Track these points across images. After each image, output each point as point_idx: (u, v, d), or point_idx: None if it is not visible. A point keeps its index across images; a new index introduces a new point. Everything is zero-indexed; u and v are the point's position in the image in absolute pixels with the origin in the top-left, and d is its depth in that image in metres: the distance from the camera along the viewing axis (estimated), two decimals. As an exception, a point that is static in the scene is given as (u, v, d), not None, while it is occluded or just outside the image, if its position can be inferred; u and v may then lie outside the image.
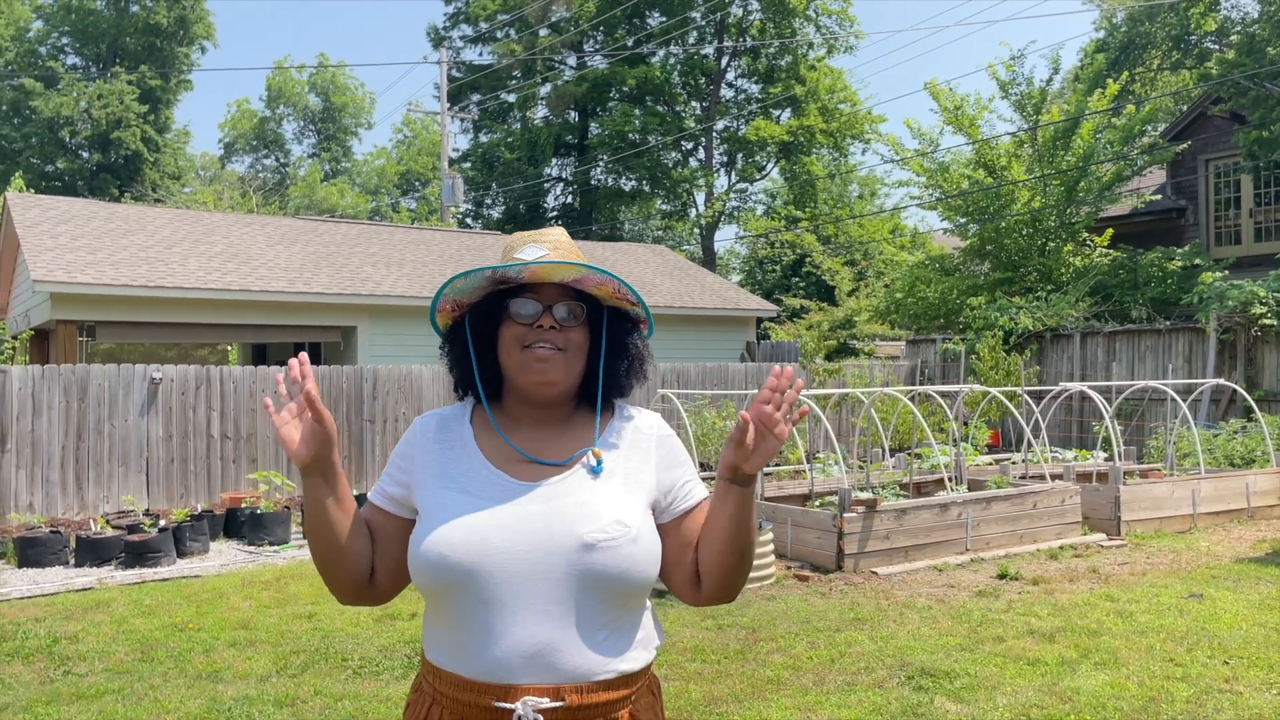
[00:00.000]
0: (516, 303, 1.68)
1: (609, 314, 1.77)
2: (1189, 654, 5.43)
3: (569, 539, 1.59)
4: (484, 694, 1.58)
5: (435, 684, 1.65)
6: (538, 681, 1.56)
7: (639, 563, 1.61)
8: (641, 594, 1.66)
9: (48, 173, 40.10)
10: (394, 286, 15.50)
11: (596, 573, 1.58)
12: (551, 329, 1.66)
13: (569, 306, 1.69)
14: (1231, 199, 18.52)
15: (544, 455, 1.69)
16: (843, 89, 31.90)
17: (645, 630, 1.70)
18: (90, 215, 15.79)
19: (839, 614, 6.41)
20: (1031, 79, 18.04)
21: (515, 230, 31.29)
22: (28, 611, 6.85)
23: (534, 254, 1.69)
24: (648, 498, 1.70)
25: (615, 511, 1.63)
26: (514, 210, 34.34)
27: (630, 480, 1.69)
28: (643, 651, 1.67)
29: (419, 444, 1.75)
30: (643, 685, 1.69)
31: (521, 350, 1.66)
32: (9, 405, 10.17)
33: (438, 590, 1.62)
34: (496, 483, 1.66)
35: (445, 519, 1.62)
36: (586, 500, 1.63)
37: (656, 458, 1.74)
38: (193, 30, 43.08)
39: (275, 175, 53.80)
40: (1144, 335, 14.75)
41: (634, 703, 1.66)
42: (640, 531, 1.63)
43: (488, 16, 34.03)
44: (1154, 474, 10.46)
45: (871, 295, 21.42)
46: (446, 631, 1.64)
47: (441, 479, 1.69)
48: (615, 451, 1.72)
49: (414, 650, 5.69)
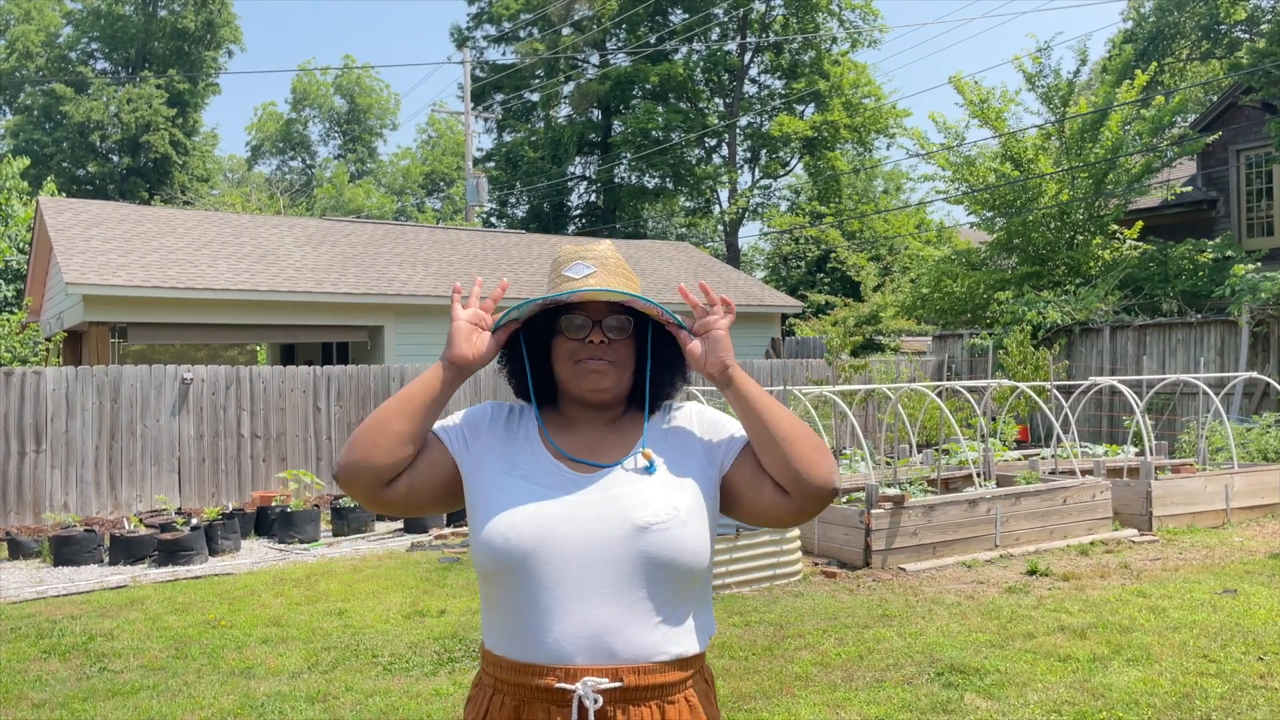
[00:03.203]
0: (567, 319, 1.78)
1: (653, 326, 1.86)
2: (1222, 650, 5.37)
3: (623, 523, 1.67)
4: (544, 675, 1.64)
5: (495, 672, 1.71)
6: (596, 663, 1.63)
7: (689, 544, 1.68)
8: (694, 578, 1.71)
9: (78, 177, 40.64)
10: (420, 286, 15.59)
11: (649, 555, 1.65)
12: (601, 343, 1.76)
13: (617, 320, 1.79)
14: (1263, 190, 18.26)
15: (597, 455, 1.78)
16: (867, 83, 31.71)
17: (700, 619, 1.75)
18: (121, 218, 15.98)
19: (867, 610, 6.39)
20: (1059, 71, 17.86)
21: (538, 230, 31.56)
22: (64, 609, 6.96)
23: (582, 271, 1.80)
24: (700, 481, 1.77)
25: (666, 498, 1.70)
26: (538, 209, 34.43)
27: (677, 469, 1.77)
28: (697, 637, 1.73)
29: (489, 423, 1.84)
30: (697, 671, 1.74)
31: (575, 364, 1.77)
32: (43, 406, 10.32)
33: (498, 571, 1.68)
34: (556, 473, 1.75)
35: (508, 504, 1.70)
36: (638, 490, 1.71)
37: (700, 435, 1.82)
38: (219, 34, 43.50)
39: (301, 177, 54.24)
40: (1175, 328, 14.57)
41: (690, 687, 1.71)
42: (689, 515, 1.70)
43: (510, 16, 34.11)
44: (1186, 469, 10.33)
45: (897, 290, 21.29)
46: (505, 617, 1.70)
47: (504, 464, 1.77)
48: (664, 445, 1.80)
49: (443, 647, 5.73)
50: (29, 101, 41.73)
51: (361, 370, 12.26)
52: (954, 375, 16.88)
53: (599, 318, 1.77)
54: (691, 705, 1.70)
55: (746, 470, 1.77)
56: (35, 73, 41.43)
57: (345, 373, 12.15)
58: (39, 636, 6.18)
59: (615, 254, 1.86)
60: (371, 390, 12.26)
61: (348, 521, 10.09)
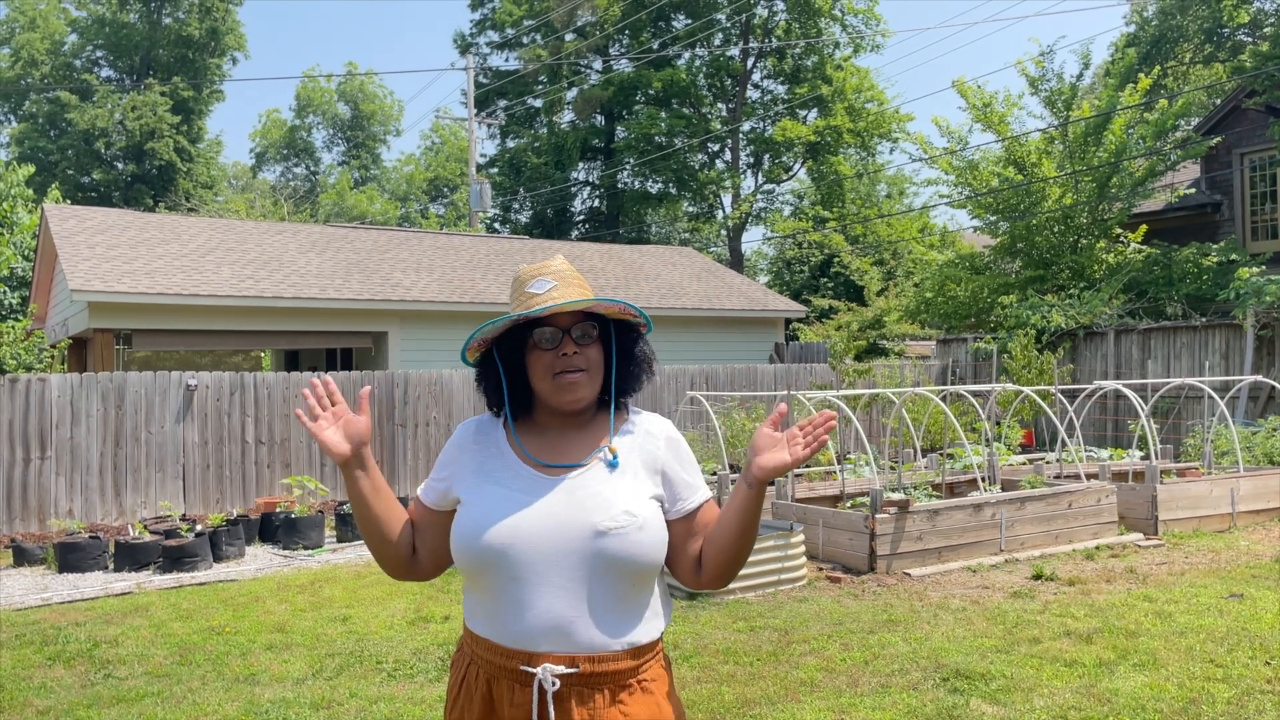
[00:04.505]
0: (538, 333, 1.93)
1: (616, 326, 2.02)
2: (1229, 655, 5.35)
3: (584, 527, 1.83)
4: (512, 659, 1.84)
5: (474, 647, 1.92)
6: (557, 650, 1.81)
7: (645, 548, 1.84)
8: (649, 576, 1.89)
9: (83, 184, 40.74)
10: (424, 292, 15.61)
11: (607, 556, 1.82)
12: (574, 353, 1.91)
13: (583, 328, 1.94)
14: (1268, 193, 18.22)
15: (567, 456, 1.94)
16: (869, 88, 31.72)
17: (654, 608, 1.92)
18: (125, 225, 16.02)
19: (872, 615, 6.37)
20: (1062, 74, 17.83)
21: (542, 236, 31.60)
22: (68, 616, 6.96)
23: (544, 287, 1.94)
24: (656, 491, 1.93)
25: (625, 503, 1.86)
26: (541, 214, 34.46)
27: (640, 475, 1.93)
28: (650, 627, 1.90)
29: (460, 447, 2.01)
30: (651, 658, 1.90)
31: (553, 378, 1.92)
32: (48, 413, 10.34)
33: (476, 568, 1.87)
34: (526, 477, 1.91)
35: (483, 508, 1.88)
36: (600, 492, 1.87)
37: (665, 458, 1.97)
38: (224, 42, 43.61)
39: (305, 183, 54.34)
40: (1180, 332, 14.54)
41: (643, 673, 1.87)
42: (647, 520, 1.86)
43: (514, 23, 34.17)
44: (1191, 472, 10.31)
45: (901, 295, 21.26)
46: (483, 603, 1.89)
47: (479, 474, 1.95)
48: (628, 449, 1.96)
49: (447, 653, 5.72)
50: (34, 109, 41.87)
51: (365, 376, 12.26)
52: (958, 379, 16.86)
53: (567, 326, 1.93)
54: (646, 690, 1.86)
55: (685, 528, 1.95)
56: (40, 80, 41.57)
57: (349, 379, 12.16)
58: (43, 643, 6.18)
59: (569, 266, 2.02)
60: (375, 396, 12.26)
61: (352, 527, 10.08)
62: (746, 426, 12.68)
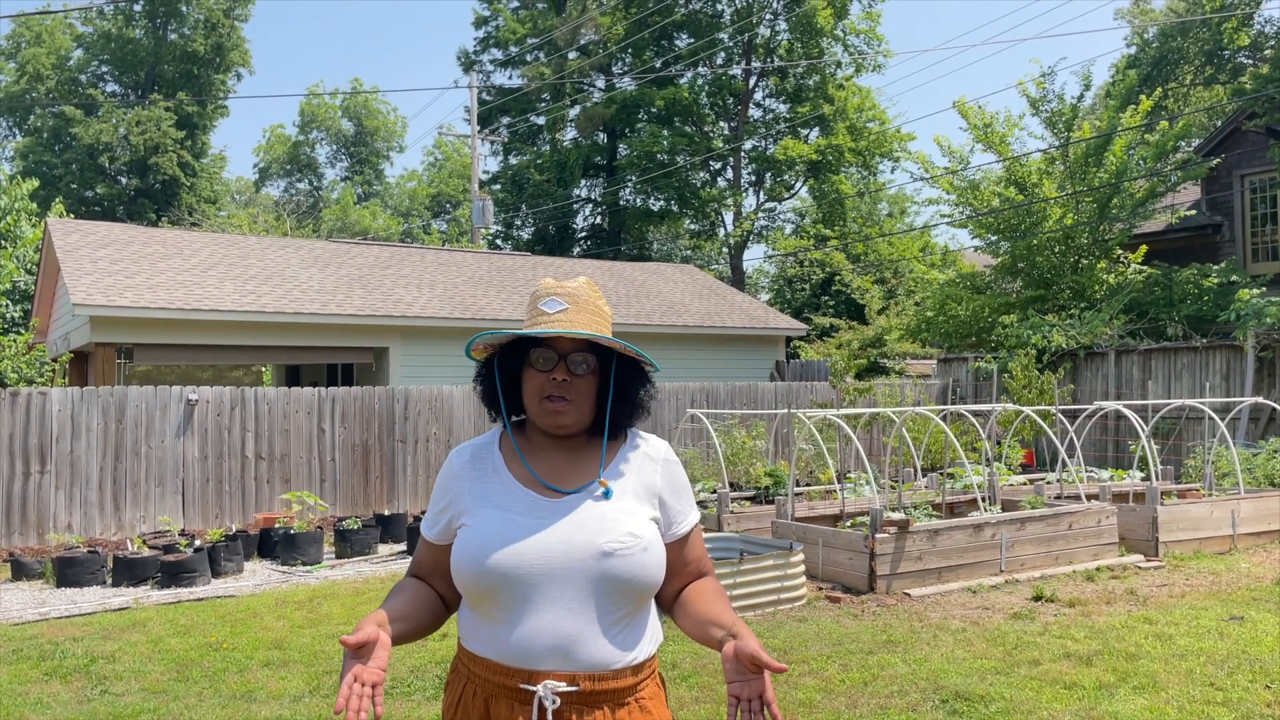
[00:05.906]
0: (536, 353, 1.94)
1: (619, 361, 2.00)
2: (1230, 678, 5.33)
3: (590, 548, 1.84)
4: (512, 677, 1.83)
5: (470, 667, 1.91)
6: (558, 668, 1.82)
7: (649, 568, 1.88)
8: (649, 594, 1.92)
9: (87, 198, 40.87)
10: (425, 308, 15.63)
11: (612, 577, 1.84)
12: (564, 381, 1.91)
13: (582, 357, 1.93)
14: (1268, 214, 18.27)
15: (562, 480, 1.95)
16: (871, 108, 31.84)
17: (651, 627, 1.96)
18: (128, 239, 16.06)
19: (871, 636, 6.35)
20: (1063, 96, 17.91)
21: (544, 253, 31.67)
22: (66, 631, 6.94)
23: (555, 307, 1.94)
24: (654, 514, 1.97)
25: (628, 525, 1.89)
26: (543, 231, 34.54)
27: (639, 498, 1.96)
28: (649, 645, 1.93)
29: (455, 475, 2.01)
30: (649, 675, 1.93)
31: (541, 401, 1.93)
32: (49, 427, 10.34)
33: (483, 590, 1.86)
34: (525, 499, 1.92)
35: (488, 531, 1.88)
36: (603, 514, 1.89)
37: (662, 481, 2.00)
38: (229, 57, 43.84)
39: (309, 199, 54.54)
40: (1180, 353, 14.54)
41: (640, 691, 1.90)
42: (649, 542, 1.90)
43: (517, 40, 34.36)
44: (1192, 494, 10.29)
45: (902, 313, 21.30)
46: (482, 623, 1.89)
47: (479, 499, 1.95)
48: (625, 474, 1.98)
49: (444, 671, 5.71)
50: (39, 123, 42.04)
51: (366, 392, 12.27)
52: (959, 399, 16.85)
53: (565, 353, 1.93)
54: (644, 708, 1.88)
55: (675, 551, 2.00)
56: (45, 95, 41.76)
57: (350, 394, 12.17)
58: (41, 658, 6.17)
59: (589, 290, 2.01)
60: (376, 412, 12.27)
61: (351, 544, 10.07)
62: (747, 444, 12.67)
